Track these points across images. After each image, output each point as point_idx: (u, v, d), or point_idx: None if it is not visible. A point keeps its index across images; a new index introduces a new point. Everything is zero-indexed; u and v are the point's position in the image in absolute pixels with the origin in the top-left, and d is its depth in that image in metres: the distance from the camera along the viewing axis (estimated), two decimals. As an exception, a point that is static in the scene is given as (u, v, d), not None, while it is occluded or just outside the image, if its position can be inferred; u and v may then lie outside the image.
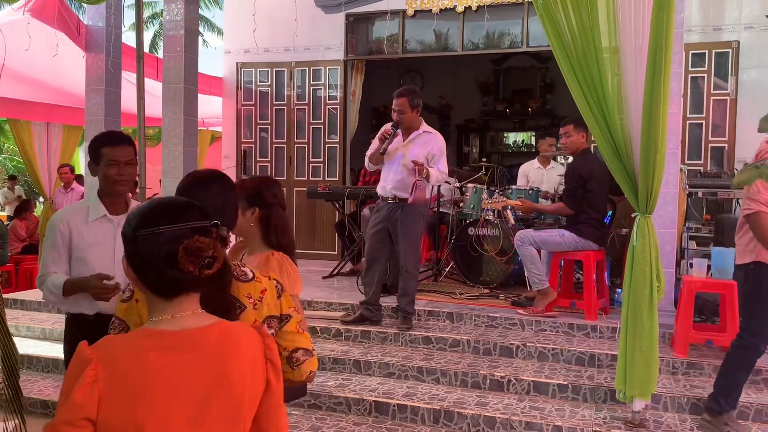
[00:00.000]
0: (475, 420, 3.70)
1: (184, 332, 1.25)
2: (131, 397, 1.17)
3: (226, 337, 1.28)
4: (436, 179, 4.64)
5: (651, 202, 3.35)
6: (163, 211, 1.28)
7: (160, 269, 1.23)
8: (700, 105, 6.70)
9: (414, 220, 4.63)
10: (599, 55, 3.49)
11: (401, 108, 4.59)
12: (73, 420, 1.15)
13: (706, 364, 4.09)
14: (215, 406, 1.23)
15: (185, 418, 1.20)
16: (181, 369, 1.21)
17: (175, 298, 1.27)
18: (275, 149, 8.29)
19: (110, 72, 6.28)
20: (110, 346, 1.23)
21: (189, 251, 1.22)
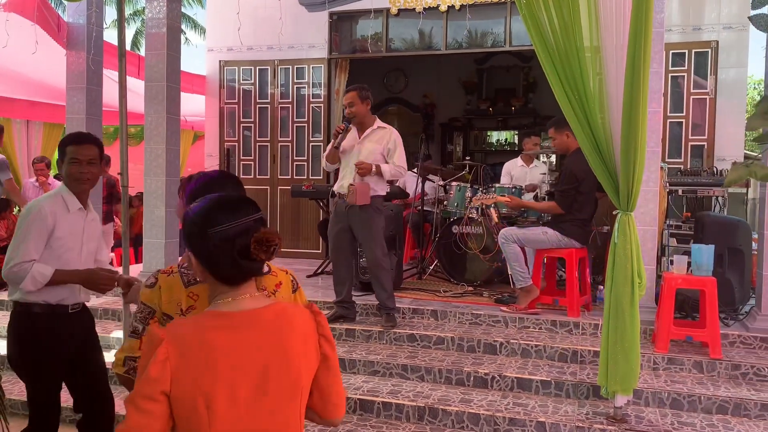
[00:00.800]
0: (459, 417, 3.73)
1: (243, 313, 1.40)
2: (199, 371, 1.31)
3: (281, 316, 1.43)
4: (391, 174, 4.63)
5: (632, 200, 3.39)
6: (223, 208, 1.43)
7: (234, 260, 1.39)
8: (681, 104, 6.78)
9: (371, 215, 4.62)
10: (581, 55, 3.52)
11: (351, 101, 4.60)
12: (148, 392, 1.30)
13: (686, 360, 4.15)
14: (274, 377, 1.38)
15: (249, 389, 1.35)
16: (242, 345, 1.36)
17: (240, 284, 1.42)
18: (259, 148, 8.26)
19: (91, 70, 6.22)
20: (178, 327, 1.39)
21: (260, 242, 1.38)
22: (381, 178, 4.67)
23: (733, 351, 4.30)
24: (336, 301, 4.89)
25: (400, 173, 4.68)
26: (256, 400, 1.36)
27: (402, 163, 4.67)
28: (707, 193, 5.71)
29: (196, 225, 1.43)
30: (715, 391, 3.81)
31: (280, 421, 1.40)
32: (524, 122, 10.79)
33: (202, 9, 21.35)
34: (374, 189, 4.63)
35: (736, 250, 4.99)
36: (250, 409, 1.36)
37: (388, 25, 7.75)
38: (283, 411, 1.40)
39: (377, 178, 4.63)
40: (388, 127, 4.77)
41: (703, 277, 4.19)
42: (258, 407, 1.37)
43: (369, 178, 4.59)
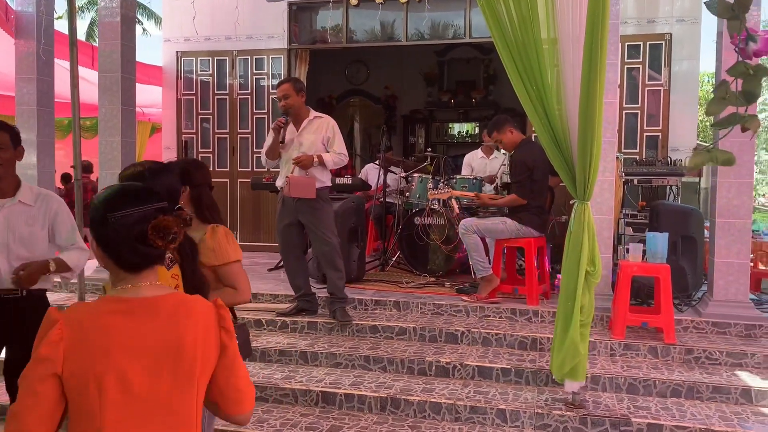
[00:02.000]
0: (421, 406, 3.75)
1: (142, 299, 1.42)
2: (92, 354, 1.32)
3: (179, 306, 1.44)
4: (333, 162, 4.60)
5: (588, 189, 3.45)
6: (127, 195, 1.46)
7: (132, 246, 1.41)
8: (636, 95, 6.92)
9: (321, 205, 4.60)
10: (539, 47, 3.55)
11: (286, 92, 4.55)
12: (41, 375, 1.31)
13: (641, 345, 4.25)
14: (169, 365, 1.38)
15: (141, 374, 1.35)
16: (137, 331, 1.37)
17: (139, 272, 1.44)
18: (217, 139, 8.14)
19: (42, 59, 6.02)
20: (75, 310, 1.40)
21: (157, 229, 1.39)
22: (324, 169, 4.64)
23: (687, 336, 4.43)
24: (297, 296, 4.85)
25: (342, 159, 4.64)
26: (149, 386, 1.36)
27: (342, 150, 4.65)
28: (662, 183, 5.85)
29: (98, 211, 1.44)
30: (669, 376, 3.91)
31: (174, 409, 1.40)
32: (485, 114, 10.87)
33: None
34: (320, 180, 4.60)
35: (689, 238, 5.13)
36: (142, 394, 1.36)
37: (348, 15, 7.71)
38: (176, 398, 1.40)
39: (320, 168, 4.60)
40: (324, 116, 4.75)
41: (657, 264, 4.30)
42: (151, 393, 1.37)
43: (313, 170, 4.56)
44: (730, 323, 4.46)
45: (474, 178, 6.06)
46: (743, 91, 1.34)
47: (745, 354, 4.10)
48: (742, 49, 1.32)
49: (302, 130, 4.65)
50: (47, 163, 6.15)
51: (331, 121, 4.70)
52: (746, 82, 1.34)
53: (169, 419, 1.39)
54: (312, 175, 4.55)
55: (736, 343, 4.26)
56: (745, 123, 1.35)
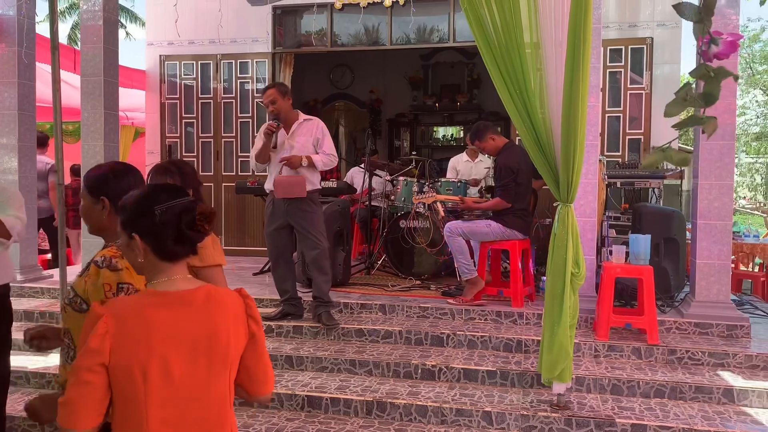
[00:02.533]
0: (407, 409, 3.75)
1: (177, 292, 1.54)
2: (135, 344, 1.44)
3: (211, 297, 1.57)
4: (323, 163, 4.61)
5: (571, 192, 3.47)
6: (165, 190, 1.60)
7: (180, 233, 1.54)
8: (618, 98, 6.99)
9: (311, 207, 4.62)
10: (521, 51, 3.57)
11: (272, 98, 4.56)
12: (90, 365, 1.42)
13: (625, 346, 4.29)
14: (204, 352, 1.52)
15: (181, 361, 1.48)
16: (174, 321, 1.50)
17: (178, 261, 1.57)
18: (202, 144, 8.10)
19: (24, 63, 5.98)
20: (117, 304, 1.51)
21: (204, 215, 1.56)
22: (314, 171, 4.65)
23: (670, 337, 4.47)
24: (282, 300, 4.85)
25: (331, 161, 4.65)
26: (188, 372, 1.50)
27: (331, 151, 4.66)
28: (644, 185, 5.91)
29: (142, 204, 1.56)
30: (652, 376, 3.94)
31: (210, 392, 1.54)
32: (469, 118, 10.92)
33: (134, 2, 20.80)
34: (310, 181, 4.61)
35: (672, 240, 5.19)
36: (182, 380, 1.48)
37: (332, 19, 7.72)
38: (212, 383, 1.53)
39: (310, 170, 4.60)
40: (313, 118, 4.76)
41: (640, 266, 4.34)
42: (189, 378, 1.50)
43: (302, 170, 4.56)
44: (712, 324, 4.51)
45: (459, 181, 6.08)
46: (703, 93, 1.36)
47: (727, 354, 4.15)
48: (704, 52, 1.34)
49: (293, 132, 4.65)
50: (29, 167, 6.09)
51: (320, 123, 4.72)
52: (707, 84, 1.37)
53: (207, 402, 1.53)
54: (301, 174, 4.55)
55: (718, 344, 4.31)
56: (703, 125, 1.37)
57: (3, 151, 6.01)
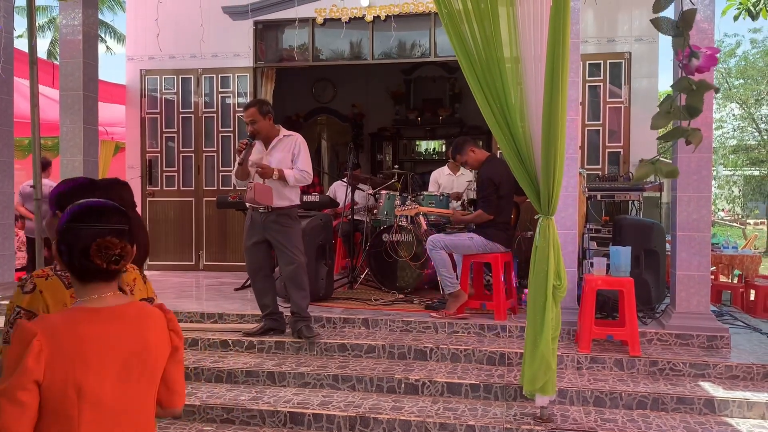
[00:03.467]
0: (390, 424, 3.72)
1: (108, 308, 1.53)
2: (70, 361, 1.42)
3: (141, 312, 1.59)
4: (295, 178, 4.57)
5: (552, 205, 3.50)
6: (90, 210, 1.55)
7: (78, 259, 1.50)
8: (598, 112, 7.08)
9: (288, 224, 4.61)
10: (502, 66, 3.61)
11: (252, 118, 4.57)
12: (23, 383, 1.38)
13: (607, 358, 4.30)
14: (137, 366, 1.53)
15: (114, 376, 1.48)
16: (108, 337, 1.49)
17: (91, 283, 1.53)
18: (182, 158, 8.05)
19: (1, 78, 5.91)
20: (49, 321, 1.48)
21: (99, 247, 1.48)
22: (293, 188, 4.64)
23: (651, 348, 4.50)
24: (264, 315, 4.81)
25: (304, 177, 4.63)
26: (121, 386, 1.50)
27: (305, 167, 4.64)
28: (624, 198, 5.97)
29: (63, 219, 1.54)
30: (635, 388, 3.96)
31: (140, 405, 1.56)
32: (451, 132, 10.99)
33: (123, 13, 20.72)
34: (288, 198, 4.61)
35: (652, 252, 5.24)
36: (114, 394, 1.49)
37: (314, 34, 7.74)
38: (142, 395, 1.56)
39: (286, 187, 4.57)
40: (293, 134, 4.76)
41: (621, 277, 4.36)
42: (122, 392, 1.50)
43: (272, 182, 4.54)
44: (692, 335, 4.55)
45: (441, 194, 6.10)
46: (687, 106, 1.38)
47: (708, 365, 4.18)
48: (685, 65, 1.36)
49: (271, 149, 4.65)
50: (6, 184, 6.01)
51: (298, 139, 4.71)
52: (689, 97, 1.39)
53: (136, 414, 1.54)
54: (278, 190, 4.54)
55: (698, 354, 4.34)
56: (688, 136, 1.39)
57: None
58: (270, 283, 4.80)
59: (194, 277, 7.47)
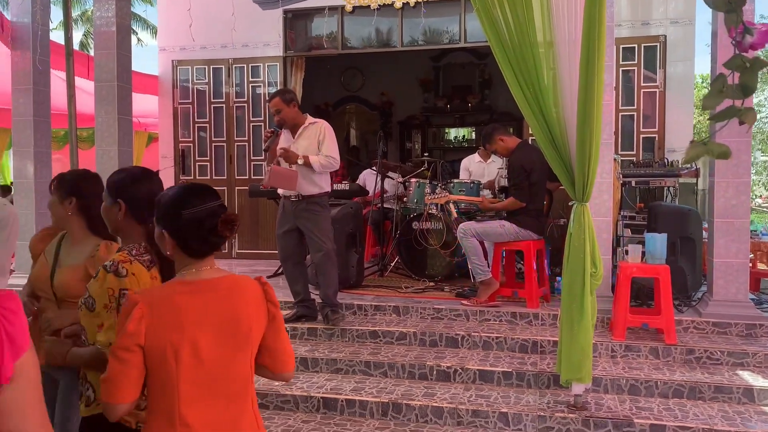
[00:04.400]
0: (423, 411, 3.74)
1: (204, 281, 1.69)
2: (168, 328, 1.60)
3: (234, 285, 1.72)
4: (320, 164, 4.57)
5: (587, 191, 3.45)
6: (194, 194, 1.72)
7: (203, 237, 1.68)
8: (632, 97, 6.94)
9: (317, 211, 4.64)
10: (535, 50, 3.56)
11: (277, 107, 4.60)
12: (126, 345, 1.57)
13: (642, 346, 4.25)
14: (229, 334, 1.67)
15: (208, 343, 1.63)
16: (202, 307, 1.65)
17: (200, 258, 1.71)
18: (215, 148, 8.13)
19: (38, 70, 6.02)
20: (149, 292, 1.71)
21: (226, 222, 1.69)
22: (323, 175, 4.66)
23: (687, 336, 4.42)
24: (296, 302, 4.85)
25: (330, 163, 4.64)
26: (215, 352, 1.64)
27: (331, 153, 4.63)
28: (659, 184, 5.86)
29: (173, 205, 1.69)
30: (671, 376, 3.90)
31: (234, 370, 1.68)
32: (481, 119, 10.89)
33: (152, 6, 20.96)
34: (318, 185, 4.63)
35: (688, 239, 5.14)
36: (209, 359, 1.63)
37: (343, 22, 7.73)
38: (236, 362, 1.68)
39: (315, 174, 4.59)
40: (319, 121, 4.77)
41: (656, 265, 4.30)
42: (216, 358, 1.64)
43: (301, 169, 4.55)
44: (730, 323, 4.46)
45: (472, 182, 6.05)
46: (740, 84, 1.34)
47: (747, 353, 4.10)
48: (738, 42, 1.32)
49: (298, 136, 4.68)
50: (44, 173, 6.14)
51: (324, 125, 4.72)
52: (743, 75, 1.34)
53: (231, 379, 1.68)
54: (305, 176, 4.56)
55: (737, 343, 4.26)
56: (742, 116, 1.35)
57: (19, 157, 6.06)
58: (301, 271, 4.84)
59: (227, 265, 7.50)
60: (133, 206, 2.00)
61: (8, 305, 1.10)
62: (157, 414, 1.62)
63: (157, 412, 1.62)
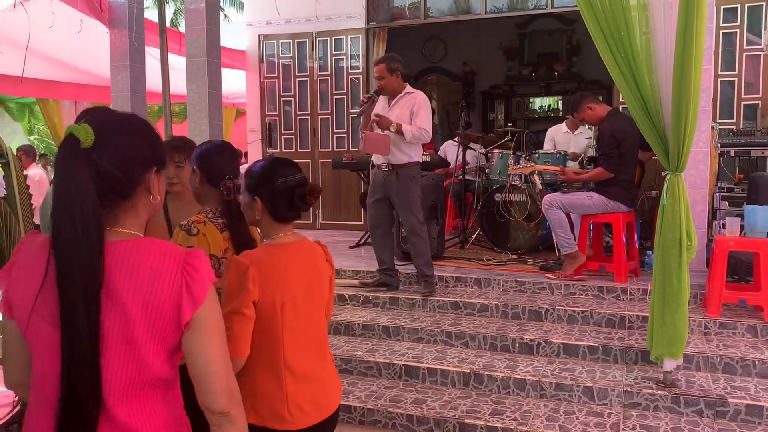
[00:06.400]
0: (505, 382, 3.73)
1: (291, 243, 1.93)
2: (274, 284, 1.81)
3: (311, 246, 1.99)
4: (411, 135, 4.58)
5: (682, 160, 3.29)
6: (285, 165, 1.91)
7: (292, 203, 1.87)
8: (732, 62, 6.51)
9: (407, 183, 4.66)
10: (627, 14, 3.42)
11: (380, 74, 4.68)
12: (247, 301, 1.76)
13: (739, 324, 4.05)
14: (316, 289, 1.93)
15: (302, 297, 1.88)
16: (296, 265, 1.89)
17: (285, 224, 1.91)
18: (299, 121, 8.29)
19: (134, 47, 6.31)
20: (254, 255, 1.86)
21: (313, 191, 1.89)
22: (413, 145, 4.67)
23: (789, 315, 4.17)
24: (379, 269, 4.92)
25: (422, 135, 4.63)
26: (307, 306, 1.89)
27: (424, 125, 4.64)
28: (761, 154, 5.49)
29: (266, 174, 1.88)
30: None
31: (320, 322, 1.96)
32: (568, 87, 10.54)
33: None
34: (408, 155, 4.66)
35: (793, 212, 4.81)
36: (304, 312, 1.88)
37: (426, -9, 7.63)
38: (320, 314, 1.96)
39: (405, 142, 4.61)
40: (415, 91, 4.81)
41: (757, 239, 4.06)
42: (308, 311, 1.89)
43: (396, 139, 4.59)
44: (839, 302, 4.17)
45: (558, 152, 5.89)
46: None
47: None
48: None
49: (393, 104, 4.76)
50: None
51: (420, 96, 4.75)
52: None
53: (319, 330, 1.95)
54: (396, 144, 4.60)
55: None
56: None
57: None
58: (388, 241, 4.90)
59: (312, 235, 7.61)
60: (209, 174, 2.15)
61: (192, 262, 1.27)
62: (263, 365, 1.82)
63: (263, 364, 1.82)
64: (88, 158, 1.20)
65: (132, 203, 1.29)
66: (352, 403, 3.64)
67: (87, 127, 1.20)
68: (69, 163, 1.19)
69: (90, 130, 1.20)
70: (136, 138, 1.28)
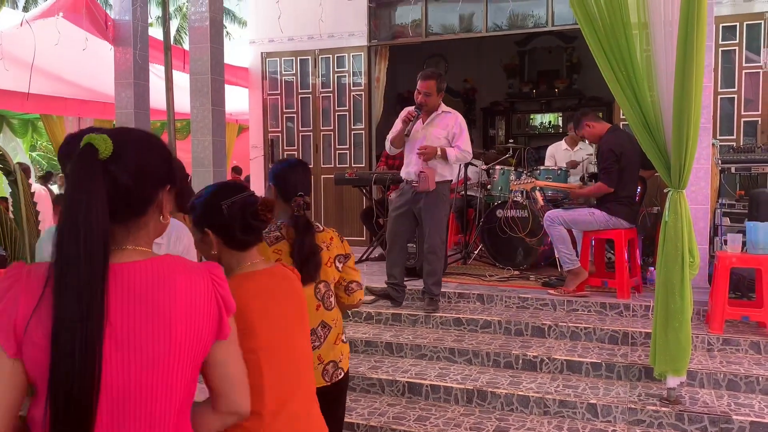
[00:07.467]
0: (508, 399, 3.72)
1: (263, 270, 1.80)
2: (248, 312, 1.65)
3: (283, 271, 1.86)
4: (455, 158, 4.60)
5: (684, 177, 3.31)
6: (224, 189, 1.78)
7: (246, 224, 1.73)
8: (732, 79, 6.56)
9: (438, 202, 4.64)
10: (628, 32, 3.46)
11: (428, 90, 4.55)
12: None
13: (742, 340, 4.05)
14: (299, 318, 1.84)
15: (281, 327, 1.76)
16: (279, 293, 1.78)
17: (249, 249, 1.78)
18: (302, 137, 8.34)
19: (138, 64, 6.36)
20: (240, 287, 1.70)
21: (265, 206, 1.76)
22: (447, 164, 4.65)
23: (792, 331, 4.17)
24: (388, 282, 4.90)
25: (465, 157, 4.66)
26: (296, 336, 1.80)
27: (467, 148, 4.64)
28: (762, 170, 5.51)
29: (209, 204, 1.75)
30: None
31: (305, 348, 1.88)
32: (569, 104, 10.62)
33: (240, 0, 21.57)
34: (441, 174, 4.63)
35: (794, 228, 4.82)
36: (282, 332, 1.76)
37: (427, 9, 7.70)
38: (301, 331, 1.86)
39: (443, 162, 4.60)
40: (453, 111, 4.75)
41: (759, 255, 4.07)
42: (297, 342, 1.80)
43: (433, 162, 4.57)
44: (842, 318, 4.17)
45: (559, 168, 5.92)
46: None
47: None
48: None
49: (428, 123, 4.68)
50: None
51: (459, 118, 4.71)
52: None
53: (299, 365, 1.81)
54: (433, 166, 4.57)
55: None
56: None
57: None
58: (402, 257, 4.86)
59: (313, 252, 7.74)
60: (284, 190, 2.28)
61: (216, 272, 1.30)
62: None
63: None
64: (105, 170, 1.15)
65: (145, 221, 1.24)
66: (354, 420, 3.63)
67: (106, 138, 1.16)
68: (84, 174, 1.13)
69: (109, 141, 1.16)
70: (154, 154, 1.26)
